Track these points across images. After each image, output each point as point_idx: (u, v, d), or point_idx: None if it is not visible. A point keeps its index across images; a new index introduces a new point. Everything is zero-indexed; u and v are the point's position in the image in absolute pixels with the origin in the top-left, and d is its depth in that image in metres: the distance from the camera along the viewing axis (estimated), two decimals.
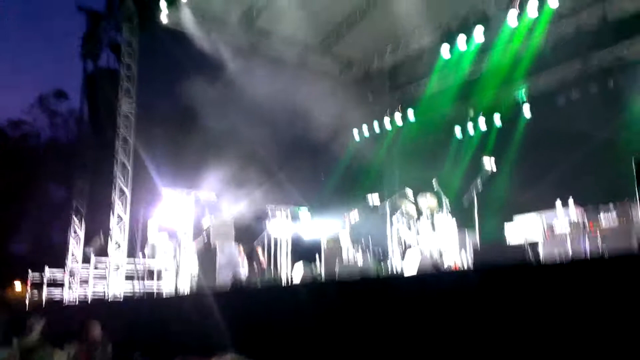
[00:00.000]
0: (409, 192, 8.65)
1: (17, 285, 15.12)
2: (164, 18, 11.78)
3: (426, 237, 7.45)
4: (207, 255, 8.99)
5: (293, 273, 8.68)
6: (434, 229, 7.47)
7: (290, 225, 10.42)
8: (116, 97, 12.29)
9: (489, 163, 7.22)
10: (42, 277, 12.10)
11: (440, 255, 7.09)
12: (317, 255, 9.37)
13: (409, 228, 7.95)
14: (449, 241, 7.23)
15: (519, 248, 5.92)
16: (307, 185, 13.01)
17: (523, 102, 12.00)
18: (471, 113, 12.69)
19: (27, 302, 12.36)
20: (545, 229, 7.12)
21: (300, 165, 12.18)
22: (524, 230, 7.63)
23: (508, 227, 7.96)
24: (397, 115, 13.95)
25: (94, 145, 13.70)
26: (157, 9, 11.61)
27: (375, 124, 14.27)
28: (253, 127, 11.90)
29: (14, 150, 21.21)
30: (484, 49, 11.82)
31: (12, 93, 48.21)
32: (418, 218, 7.85)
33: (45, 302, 11.53)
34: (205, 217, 10.13)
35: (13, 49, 56.65)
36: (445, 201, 7.93)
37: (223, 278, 8.51)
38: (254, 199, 11.48)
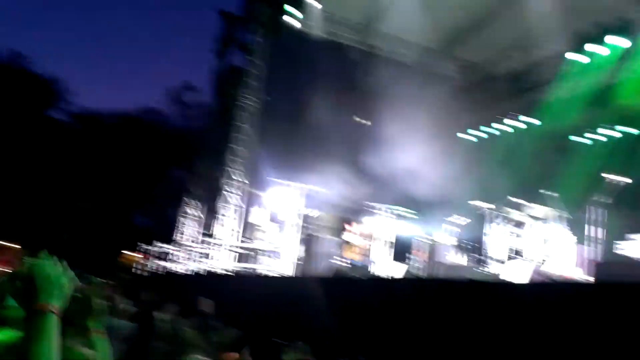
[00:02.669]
0: (518, 200, 8.28)
1: (134, 254, 16.62)
2: (295, 22, 12.41)
3: (531, 245, 7.06)
4: (310, 244, 9.26)
5: (394, 270, 8.65)
6: (540, 238, 7.06)
7: (392, 224, 10.41)
8: (242, 93, 13.13)
9: (617, 178, 6.66)
10: (157, 250, 13.24)
11: (544, 264, 6.67)
12: (416, 256, 9.27)
13: (512, 236, 7.61)
14: (561, 252, 6.78)
15: None
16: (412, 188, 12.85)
17: None
18: (597, 123, 11.74)
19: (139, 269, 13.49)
20: None
21: (407, 168, 12.05)
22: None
23: (626, 244, 7.27)
24: (514, 122, 13.32)
25: (216, 135, 14.68)
26: (289, 14, 12.26)
27: (491, 130, 13.72)
28: (365, 126, 12.04)
29: (146, 136, 23.46)
30: (621, 58, 10.88)
31: (143, 83, 53.35)
32: (523, 227, 7.47)
33: (158, 271, 12.58)
34: (311, 209, 10.45)
35: (146, 42, 62.42)
36: (560, 213, 7.46)
37: (324, 267, 8.72)
38: (358, 195, 11.59)
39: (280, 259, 10.15)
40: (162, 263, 12.85)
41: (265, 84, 13.20)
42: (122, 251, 13.74)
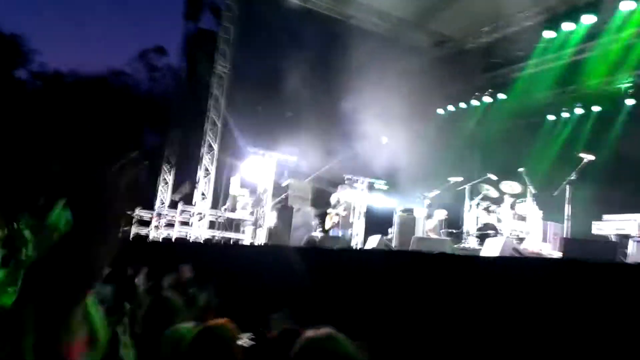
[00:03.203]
0: (492, 177, 8.52)
1: None
2: None
3: (507, 222, 7.33)
4: (284, 214, 9.35)
5: (367, 242, 8.85)
6: (515, 216, 7.34)
7: (366, 195, 10.58)
8: (212, 57, 12.83)
9: (586, 155, 6.92)
10: (131, 216, 13.07)
11: (521, 241, 6.96)
12: (389, 229, 9.48)
13: (489, 213, 7.84)
14: (532, 229, 7.08)
15: (611, 245, 5.70)
16: (387, 158, 13.02)
17: (627, 95, 11.21)
18: (567, 101, 12.06)
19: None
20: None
21: (382, 137, 12.17)
22: (613, 230, 7.30)
23: (596, 225, 7.63)
24: (487, 98, 13.54)
25: (189, 101, 14.43)
26: None
27: (462, 104, 13.92)
28: (337, 96, 12.02)
29: (115, 98, 22.85)
30: (591, 35, 11.11)
31: (114, 46, 51.45)
32: (499, 204, 7.72)
33: (133, 238, 12.51)
34: (285, 178, 10.51)
35: (117, 5, 59.93)
36: (531, 189, 7.72)
37: (297, 238, 8.86)
38: (333, 166, 11.69)
39: (255, 228, 10.23)
40: (139, 229, 12.76)
41: (236, 50, 12.95)
42: None
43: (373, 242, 8.47)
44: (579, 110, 12.11)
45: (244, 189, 11.62)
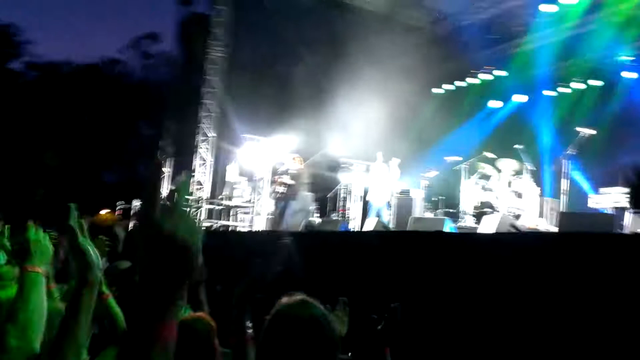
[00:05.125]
0: (489, 154, 8.43)
1: (105, 213, 16.36)
2: None
3: (504, 199, 7.25)
4: (281, 200, 9.30)
5: (365, 225, 8.81)
6: (512, 193, 7.27)
7: (364, 178, 10.51)
8: (206, 42, 12.65)
9: (585, 130, 6.83)
10: (129, 208, 13.05)
11: (518, 217, 6.90)
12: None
13: (485, 191, 7.77)
14: (529, 205, 7.01)
15: (608, 218, 5.63)
16: (382, 139, 12.90)
17: (627, 68, 11.04)
18: (566, 75, 11.88)
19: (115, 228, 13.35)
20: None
21: (379, 119, 12.04)
22: (609, 203, 7.23)
23: (592, 199, 7.56)
24: (485, 75, 13.37)
25: (184, 88, 14.27)
26: None
27: (460, 82, 13.77)
28: (333, 78, 11.86)
29: (108, 87, 22.66)
30: (592, 8, 10.92)
31: (107, 33, 51.04)
32: (496, 181, 7.64)
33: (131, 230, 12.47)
34: (281, 164, 10.41)
35: None
36: (527, 166, 7.64)
37: (296, 223, 8.80)
38: (329, 149, 11.58)
39: (254, 215, 10.18)
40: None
41: (231, 33, 12.75)
42: (98, 210, 13.50)
43: (370, 224, 8.42)
44: (578, 85, 11.94)
45: (242, 176, 11.54)
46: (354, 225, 9.50)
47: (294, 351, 1.51)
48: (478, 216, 7.35)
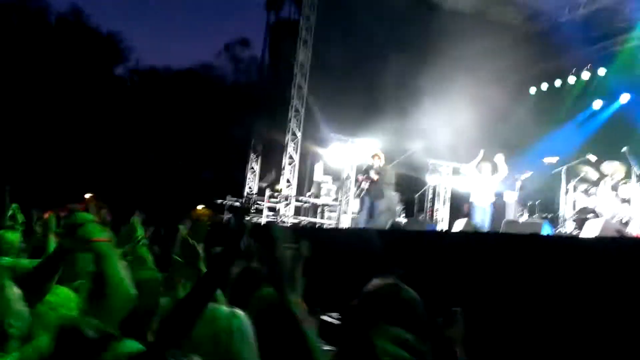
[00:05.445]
0: (592, 157, 7.96)
1: (202, 208, 17.32)
2: None
3: (609, 205, 6.80)
4: (367, 197, 9.33)
5: (454, 226, 8.63)
6: (618, 198, 6.78)
7: (453, 180, 10.31)
8: (294, 46, 13.04)
9: None
10: (223, 204, 13.75)
11: (625, 224, 6.44)
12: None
13: (588, 196, 7.33)
14: (638, 212, 6.50)
15: None
16: (472, 142, 12.55)
17: None
18: None
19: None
20: None
21: (469, 120, 11.72)
22: None
23: None
24: (585, 74, 12.58)
25: (273, 90, 14.80)
26: None
27: (558, 81, 13.05)
28: (421, 79, 11.72)
29: (204, 91, 24.05)
30: None
31: (200, 39, 53.86)
32: (600, 186, 7.17)
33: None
34: (367, 164, 10.46)
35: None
36: (636, 170, 7.11)
37: (381, 223, 8.82)
38: (417, 151, 11.47)
39: (339, 214, 10.33)
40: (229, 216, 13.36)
41: (318, 37, 13.03)
42: (195, 206, 14.38)
43: (459, 225, 8.23)
44: None
45: (328, 175, 11.76)
46: (441, 226, 9.33)
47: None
48: (579, 222, 6.93)
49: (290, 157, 12.67)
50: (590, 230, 5.70)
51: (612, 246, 4.68)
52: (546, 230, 6.96)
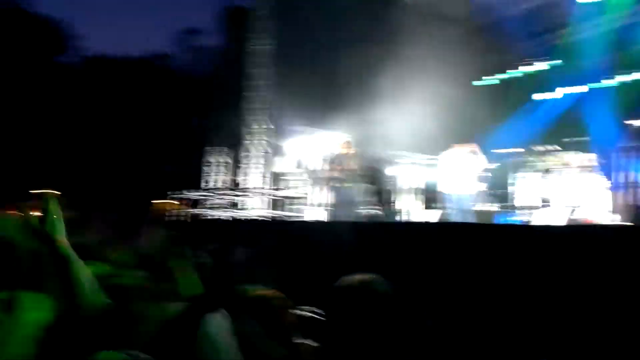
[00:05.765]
0: (543, 147, 8.56)
1: (161, 202, 17.07)
2: None
3: (561, 193, 7.42)
4: (338, 191, 9.63)
5: (427, 217, 9.05)
6: (569, 187, 7.39)
7: (417, 172, 10.76)
8: (251, 35, 12.98)
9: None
10: (183, 198, 13.64)
11: (572, 212, 7.10)
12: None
13: (540, 185, 7.91)
14: (591, 199, 7.11)
15: None
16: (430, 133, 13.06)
17: None
18: (618, 65, 11.72)
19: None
20: None
21: (423, 112, 12.22)
22: None
23: None
24: (529, 67, 13.36)
25: (230, 81, 14.69)
26: None
27: (502, 75, 13.79)
28: (378, 72, 12.05)
29: (159, 81, 23.47)
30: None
31: (153, 28, 51.87)
32: (551, 175, 7.79)
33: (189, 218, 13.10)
34: (337, 154, 10.77)
35: None
36: (587, 158, 7.73)
37: (352, 214, 9.15)
38: (384, 142, 11.81)
39: (308, 206, 10.62)
40: (196, 210, 13.34)
41: (275, 25, 13.02)
42: (153, 200, 14.18)
43: (433, 217, 8.62)
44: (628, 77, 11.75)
45: (294, 167, 11.96)
46: (407, 215, 9.77)
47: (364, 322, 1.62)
48: (532, 210, 7.55)
49: (249, 150, 12.71)
50: (547, 219, 6.30)
51: (562, 233, 5.25)
52: (500, 219, 7.52)
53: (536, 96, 13.25)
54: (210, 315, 1.84)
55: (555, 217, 7.14)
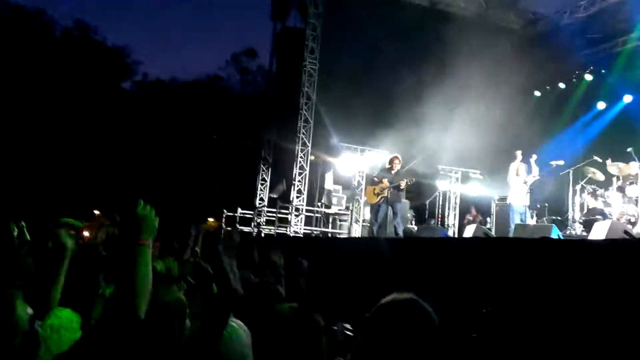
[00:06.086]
0: (597, 159, 8.12)
1: (212, 221, 17.49)
2: None
3: (616, 206, 6.97)
4: (378, 208, 9.49)
5: (465, 231, 8.81)
6: (626, 199, 6.94)
7: (461, 185, 10.48)
8: (301, 55, 13.22)
9: None
10: (234, 215, 13.90)
11: (632, 224, 6.61)
12: (487, 218, 9.31)
13: (595, 197, 7.50)
14: None
15: None
16: (480, 148, 12.70)
17: None
18: None
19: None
20: None
21: (476, 125, 11.89)
22: None
23: None
24: (587, 76, 12.75)
25: (281, 100, 14.97)
26: None
27: (562, 84, 13.22)
28: (429, 86, 11.89)
29: (212, 103, 24.35)
30: None
31: (206, 50, 54.31)
32: (607, 187, 7.34)
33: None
34: (377, 172, 10.65)
35: (206, 9, 63.19)
36: None
37: (393, 230, 8.97)
38: (426, 158, 11.62)
39: (350, 222, 10.51)
40: (242, 228, 13.52)
41: (324, 46, 13.17)
42: (206, 219, 14.53)
43: (470, 231, 8.40)
44: None
45: (338, 184, 11.93)
46: (452, 232, 9.50)
47: (401, 340, 1.60)
48: (587, 224, 7.10)
49: (301, 167, 12.84)
50: (599, 232, 5.88)
51: (620, 247, 4.84)
52: (555, 233, 7.12)
53: (596, 105, 12.60)
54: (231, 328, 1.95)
55: (615, 230, 6.63)
